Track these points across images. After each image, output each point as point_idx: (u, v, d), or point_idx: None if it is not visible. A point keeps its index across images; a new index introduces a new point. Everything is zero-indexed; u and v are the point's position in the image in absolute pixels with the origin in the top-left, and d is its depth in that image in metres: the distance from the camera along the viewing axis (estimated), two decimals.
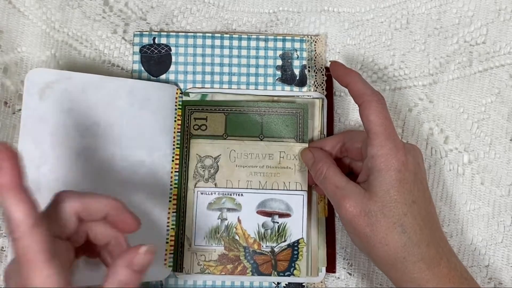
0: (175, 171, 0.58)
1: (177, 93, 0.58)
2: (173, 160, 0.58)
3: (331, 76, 0.60)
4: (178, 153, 0.58)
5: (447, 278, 0.48)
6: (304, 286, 0.58)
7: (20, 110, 0.57)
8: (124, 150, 0.56)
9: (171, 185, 0.57)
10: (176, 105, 0.58)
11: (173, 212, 0.57)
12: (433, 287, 0.47)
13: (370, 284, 0.59)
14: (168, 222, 0.57)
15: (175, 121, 0.58)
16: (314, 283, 0.58)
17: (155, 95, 0.57)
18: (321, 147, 0.57)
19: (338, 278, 0.59)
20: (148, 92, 0.57)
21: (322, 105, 0.59)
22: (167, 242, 0.57)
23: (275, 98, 0.59)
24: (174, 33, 0.60)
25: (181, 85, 0.59)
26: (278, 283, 0.58)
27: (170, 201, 0.57)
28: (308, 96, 0.60)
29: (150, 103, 0.57)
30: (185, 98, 0.59)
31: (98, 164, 0.55)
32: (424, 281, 0.48)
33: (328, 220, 0.58)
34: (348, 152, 0.56)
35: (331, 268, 0.58)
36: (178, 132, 0.58)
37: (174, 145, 0.58)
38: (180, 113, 0.58)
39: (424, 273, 0.48)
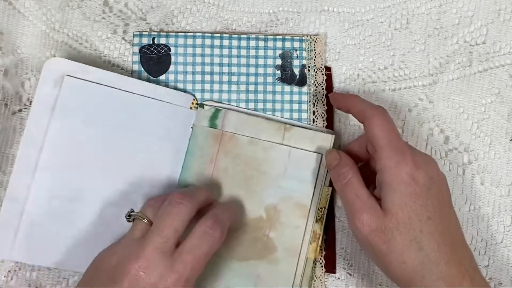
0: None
1: (192, 103, 0.58)
2: None
3: (331, 75, 0.60)
4: None
5: None
6: None
7: (19, 111, 0.58)
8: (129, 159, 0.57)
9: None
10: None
11: None
12: None
13: (370, 284, 0.59)
14: None
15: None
16: None
17: (171, 121, 0.58)
18: (349, 149, 0.56)
19: (338, 278, 0.59)
20: (163, 117, 0.58)
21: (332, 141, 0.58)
22: None
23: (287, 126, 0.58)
24: (173, 33, 0.60)
25: (181, 85, 0.59)
26: None
27: None
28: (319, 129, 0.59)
29: (165, 130, 0.58)
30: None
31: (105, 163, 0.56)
32: None
33: (328, 220, 0.58)
34: (371, 154, 0.54)
35: (331, 268, 0.58)
36: None
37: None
38: None
39: None
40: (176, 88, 0.59)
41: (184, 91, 0.59)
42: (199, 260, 0.47)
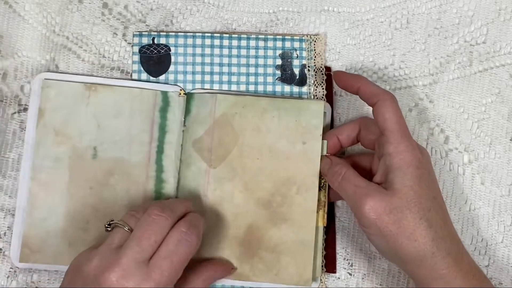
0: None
1: (180, 93, 0.58)
2: None
3: (331, 76, 0.60)
4: None
5: (471, 274, 0.49)
6: None
7: (18, 112, 0.58)
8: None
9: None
10: None
11: None
12: (460, 283, 0.48)
13: (370, 284, 0.59)
14: None
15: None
16: None
17: None
18: (337, 135, 0.56)
19: (339, 278, 0.59)
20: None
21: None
22: None
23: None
24: (173, 33, 0.59)
25: (180, 85, 0.59)
26: None
27: None
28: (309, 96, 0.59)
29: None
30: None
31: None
32: (452, 277, 0.48)
33: (328, 220, 0.58)
34: (362, 141, 0.55)
35: (331, 268, 0.58)
36: None
37: None
38: None
39: (452, 268, 0.48)
40: (158, 81, 0.60)
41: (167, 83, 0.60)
42: (176, 266, 0.47)
